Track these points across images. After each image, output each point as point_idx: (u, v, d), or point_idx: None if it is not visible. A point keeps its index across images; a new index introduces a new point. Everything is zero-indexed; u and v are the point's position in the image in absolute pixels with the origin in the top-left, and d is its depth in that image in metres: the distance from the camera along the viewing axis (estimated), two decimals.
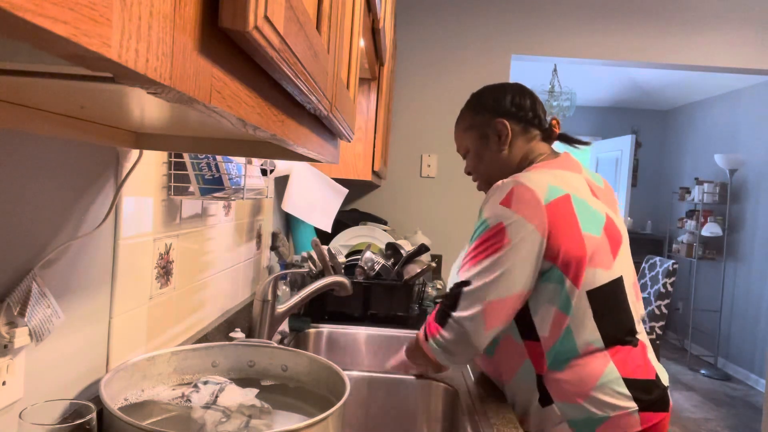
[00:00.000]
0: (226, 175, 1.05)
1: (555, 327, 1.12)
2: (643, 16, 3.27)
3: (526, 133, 1.27)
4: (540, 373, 1.15)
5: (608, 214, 1.20)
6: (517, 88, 1.31)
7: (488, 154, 1.28)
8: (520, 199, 1.10)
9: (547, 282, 1.12)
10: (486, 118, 1.28)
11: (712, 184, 5.31)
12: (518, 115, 1.27)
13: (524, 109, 1.27)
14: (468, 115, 1.31)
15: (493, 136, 1.27)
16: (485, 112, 1.28)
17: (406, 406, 1.36)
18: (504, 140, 1.26)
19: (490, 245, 1.10)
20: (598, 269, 1.13)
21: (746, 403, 4.40)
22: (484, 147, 1.28)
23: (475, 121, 1.29)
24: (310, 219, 1.92)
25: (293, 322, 1.73)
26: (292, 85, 0.45)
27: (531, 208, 1.09)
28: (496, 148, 1.27)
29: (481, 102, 1.30)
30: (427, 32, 3.28)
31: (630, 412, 1.10)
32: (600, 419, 1.10)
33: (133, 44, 0.23)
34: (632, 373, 1.13)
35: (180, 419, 0.80)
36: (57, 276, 0.73)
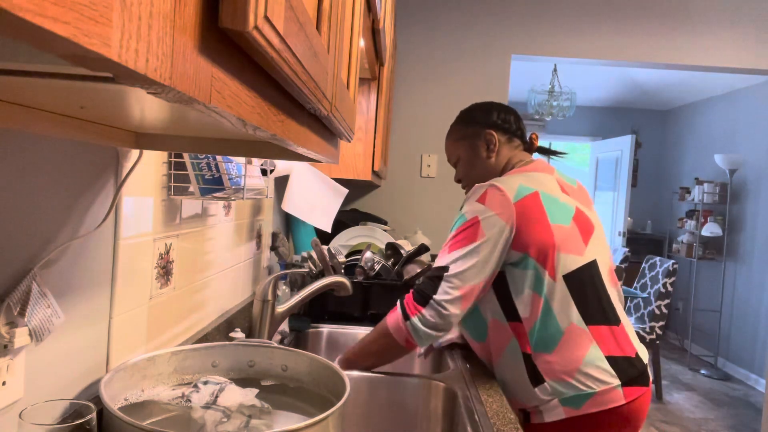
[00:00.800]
0: (226, 175, 1.05)
1: (534, 308, 1.26)
2: (644, 16, 3.27)
3: (510, 143, 1.45)
4: (525, 352, 1.27)
5: (578, 207, 1.35)
6: (502, 105, 1.49)
7: (478, 162, 1.44)
8: (493, 198, 1.27)
9: (524, 269, 1.26)
10: (476, 130, 1.44)
11: (712, 184, 5.31)
12: (503, 127, 1.45)
13: (509, 122, 1.46)
14: (459, 128, 1.48)
15: (483, 144, 1.44)
16: (475, 125, 1.45)
17: (406, 406, 1.36)
18: (492, 148, 1.43)
19: (466, 236, 1.25)
20: (570, 255, 1.27)
21: (746, 403, 4.40)
22: (475, 155, 1.45)
23: (467, 132, 1.46)
24: (310, 219, 1.92)
25: (293, 322, 1.73)
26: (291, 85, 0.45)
27: (501, 206, 1.26)
28: (486, 156, 1.44)
29: (472, 116, 1.47)
30: (427, 32, 3.28)
31: (614, 387, 1.23)
32: (587, 395, 1.22)
33: (133, 44, 0.23)
34: (614, 351, 1.26)
35: (180, 419, 0.80)
36: (57, 276, 0.73)
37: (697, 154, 6.01)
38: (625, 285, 5.95)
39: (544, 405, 1.25)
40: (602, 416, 1.22)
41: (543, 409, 1.25)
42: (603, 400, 1.22)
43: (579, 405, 1.22)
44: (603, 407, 1.22)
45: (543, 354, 1.25)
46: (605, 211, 6.34)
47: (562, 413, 1.23)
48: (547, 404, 1.24)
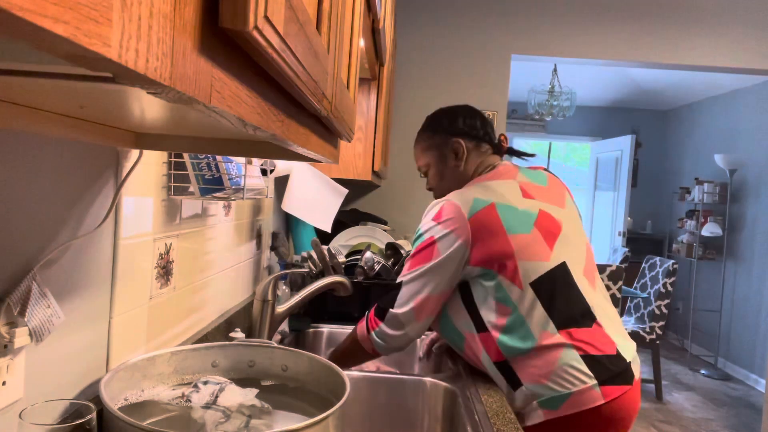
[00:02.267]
0: (226, 175, 1.05)
1: (499, 317, 1.27)
2: (643, 16, 3.27)
3: (478, 149, 1.45)
4: (497, 360, 1.28)
5: (542, 209, 1.34)
6: (467, 110, 1.49)
7: (447, 171, 1.45)
8: (448, 215, 1.29)
9: (486, 280, 1.28)
10: (443, 138, 1.45)
11: (712, 184, 5.30)
12: (470, 133, 1.44)
13: (475, 128, 1.45)
14: (426, 136, 1.48)
15: (451, 153, 1.44)
16: (442, 133, 1.45)
17: (406, 406, 1.36)
18: (461, 156, 1.43)
19: (423, 256, 1.30)
20: (534, 261, 1.27)
21: (746, 403, 4.40)
22: (443, 164, 1.46)
23: (434, 141, 1.46)
24: (310, 219, 1.92)
25: (293, 322, 1.73)
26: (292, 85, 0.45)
27: (456, 222, 1.27)
28: (454, 164, 1.44)
29: (438, 123, 1.47)
30: (427, 32, 3.28)
31: (591, 387, 1.21)
32: (563, 395, 1.22)
33: (133, 44, 0.23)
34: (590, 350, 1.24)
35: (180, 419, 0.80)
36: (57, 276, 0.73)
37: (697, 154, 6.01)
38: (625, 285, 5.95)
39: (524, 409, 1.25)
40: (582, 417, 1.21)
41: (524, 412, 1.26)
42: (580, 401, 1.21)
43: (556, 406, 1.21)
44: (581, 408, 1.20)
45: (519, 357, 1.25)
46: (605, 211, 6.34)
47: (542, 416, 1.22)
48: (526, 408, 1.25)
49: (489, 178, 1.37)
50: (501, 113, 3.30)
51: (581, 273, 1.33)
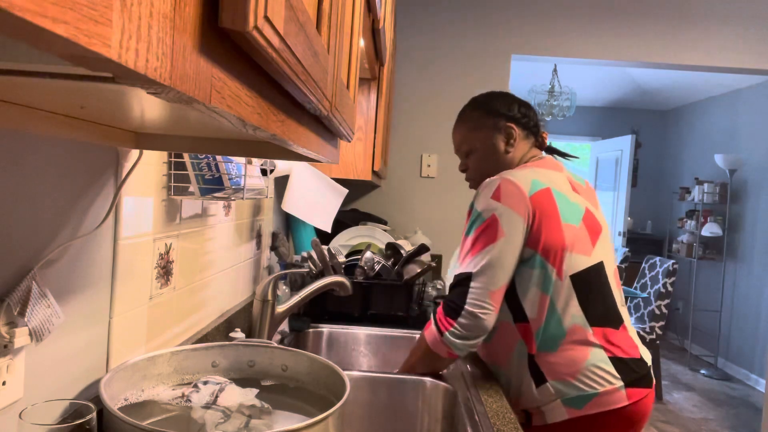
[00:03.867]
0: (226, 175, 1.05)
1: (541, 308, 1.24)
2: (643, 16, 3.27)
3: (527, 139, 1.39)
4: (531, 353, 1.26)
5: (588, 207, 1.33)
6: (519, 98, 1.43)
7: (495, 156, 1.37)
8: (508, 193, 1.22)
9: (531, 268, 1.24)
10: (497, 121, 1.37)
11: (712, 184, 5.30)
12: (523, 121, 1.38)
13: (528, 117, 1.39)
14: (476, 116, 1.39)
15: (501, 137, 1.37)
16: (496, 116, 1.37)
17: (406, 406, 1.36)
18: (512, 143, 1.37)
19: (486, 237, 1.21)
20: (579, 255, 1.25)
21: (746, 403, 4.40)
22: (492, 148, 1.37)
23: (486, 122, 1.38)
24: (310, 219, 1.92)
25: (293, 322, 1.73)
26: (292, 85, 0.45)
27: (517, 199, 1.22)
28: (503, 150, 1.37)
29: (492, 105, 1.39)
30: (427, 32, 3.28)
31: (617, 388, 1.22)
32: (589, 395, 1.21)
33: (133, 44, 0.23)
34: (617, 353, 1.25)
35: (180, 419, 0.80)
36: (57, 276, 0.73)
37: (697, 154, 6.01)
38: (625, 285, 5.95)
39: (546, 406, 1.23)
40: (605, 417, 1.21)
41: (545, 409, 1.24)
42: (606, 401, 1.21)
43: (581, 405, 1.21)
44: (605, 408, 1.20)
45: (546, 354, 1.24)
46: (605, 211, 6.34)
47: (565, 414, 1.22)
48: (548, 405, 1.23)
49: (539, 165, 1.34)
50: None
51: (612, 275, 1.33)
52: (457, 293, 1.22)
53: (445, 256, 3.27)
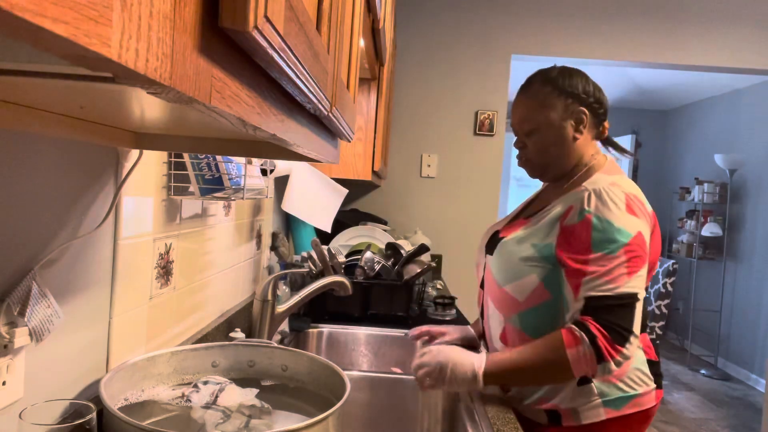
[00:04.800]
0: (226, 175, 1.05)
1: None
2: (643, 16, 3.27)
3: (594, 129, 1.28)
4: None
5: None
6: (594, 82, 1.29)
7: (561, 140, 1.24)
8: (639, 207, 1.15)
9: None
10: (570, 102, 1.23)
11: (712, 184, 5.30)
12: (594, 107, 1.25)
13: (601, 104, 1.27)
14: (546, 92, 1.24)
15: (572, 122, 1.24)
16: (571, 97, 1.23)
17: (406, 406, 1.36)
18: (582, 129, 1.24)
19: (639, 256, 1.11)
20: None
21: (746, 403, 4.40)
22: (560, 132, 1.24)
23: (556, 102, 1.23)
24: (310, 219, 1.92)
25: (293, 322, 1.73)
26: (292, 85, 0.45)
27: (647, 215, 1.16)
28: (572, 136, 1.24)
29: (567, 84, 1.24)
30: (427, 32, 3.28)
31: (651, 389, 1.23)
32: (630, 396, 1.20)
33: (133, 44, 0.23)
34: (650, 355, 1.26)
35: (180, 419, 0.80)
36: (57, 276, 0.73)
37: (697, 154, 6.01)
38: None
39: (584, 405, 1.19)
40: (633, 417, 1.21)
41: (581, 410, 1.19)
42: (641, 402, 1.21)
43: (620, 406, 1.19)
44: (639, 408, 1.20)
45: None
46: None
47: (602, 414, 1.18)
48: (587, 405, 1.19)
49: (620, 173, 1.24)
50: (501, 113, 3.30)
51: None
52: (623, 316, 1.09)
53: (445, 256, 3.27)
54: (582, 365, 1.08)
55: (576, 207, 1.16)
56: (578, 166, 1.27)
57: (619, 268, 1.10)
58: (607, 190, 1.15)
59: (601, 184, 1.17)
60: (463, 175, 3.29)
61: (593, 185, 1.17)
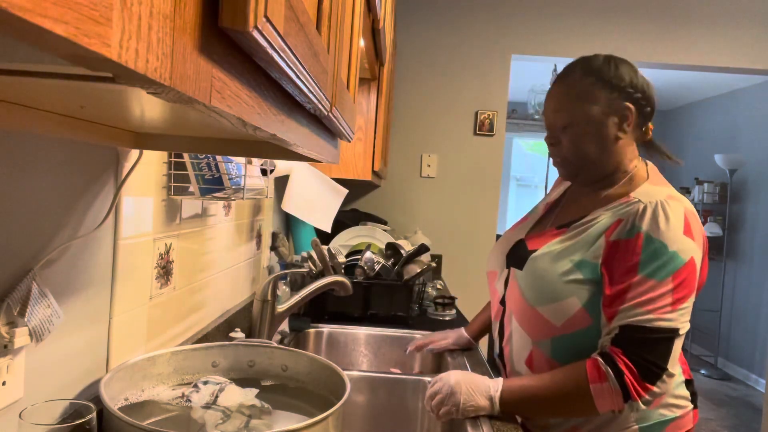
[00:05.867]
0: (226, 175, 1.05)
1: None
2: (643, 16, 3.27)
3: (638, 130, 1.12)
4: None
5: None
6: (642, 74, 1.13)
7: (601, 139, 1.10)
8: (695, 228, 1.02)
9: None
10: (614, 96, 1.08)
11: (712, 184, 5.30)
12: (641, 103, 1.10)
13: (649, 102, 1.11)
14: (587, 83, 1.10)
15: (615, 118, 1.09)
16: (617, 90, 1.09)
17: (406, 406, 1.36)
18: (625, 128, 1.09)
19: (688, 285, 0.99)
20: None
21: (746, 403, 4.40)
22: (600, 128, 1.09)
23: (599, 94, 1.09)
24: (310, 219, 1.92)
25: (293, 322, 1.73)
26: (292, 85, 0.45)
27: (702, 236, 1.04)
28: (614, 135, 1.09)
29: (612, 76, 1.09)
30: (427, 32, 3.28)
31: (688, 411, 1.12)
32: (669, 420, 1.09)
33: (133, 44, 0.23)
34: (686, 374, 1.15)
35: (180, 419, 0.80)
36: (57, 276, 0.73)
37: (697, 154, 6.01)
38: None
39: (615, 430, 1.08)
40: None
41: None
42: (679, 425, 1.10)
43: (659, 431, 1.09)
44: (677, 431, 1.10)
45: None
46: None
47: None
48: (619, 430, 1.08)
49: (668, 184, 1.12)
50: (501, 113, 3.30)
51: None
52: (660, 352, 0.97)
53: (445, 256, 3.27)
54: (607, 401, 0.98)
55: (627, 221, 1.03)
56: (618, 172, 1.12)
57: (664, 297, 0.97)
58: (664, 205, 1.01)
59: (658, 197, 1.03)
60: (463, 175, 3.29)
61: (648, 197, 1.04)
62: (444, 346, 1.54)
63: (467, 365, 1.43)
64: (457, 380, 1.08)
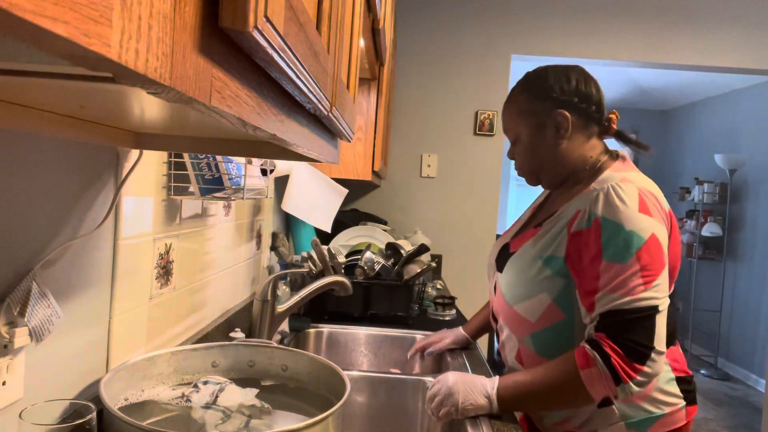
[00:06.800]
0: (226, 175, 1.05)
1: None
2: (643, 16, 3.27)
3: (586, 129, 1.17)
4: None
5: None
6: (582, 73, 1.18)
7: (542, 146, 1.17)
8: (654, 204, 1.04)
9: None
10: (546, 106, 1.15)
11: (712, 184, 5.30)
12: (580, 107, 1.15)
13: (588, 101, 1.16)
14: (524, 98, 1.18)
15: (551, 127, 1.15)
16: (546, 100, 1.15)
17: (406, 406, 1.36)
18: (563, 134, 1.15)
19: (657, 261, 1.01)
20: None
21: (746, 403, 4.40)
22: (539, 137, 1.16)
23: (533, 107, 1.16)
24: (310, 219, 1.92)
25: (293, 322, 1.73)
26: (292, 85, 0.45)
27: (663, 212, 1.06)
28: (553, 141, 1.16)
29: (544, 87, 1.16)
30: (427, 32, 3.28)
31: (680, 408, 1.12)
32: (656, 417, 1.10)
33: (133, 44, 0.23)
34: (680, 370, 1.16)
35: (180, 419, 0.80)
36: (57, 276, 0.73)
37: (697, 154, 6.01)
38: None
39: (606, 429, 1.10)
40: None
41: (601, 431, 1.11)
42: (669, 422, 1.11)
43: (645, 428, 1.10)
44: (667, 429, 1.11)
45: None
46: None
47: None
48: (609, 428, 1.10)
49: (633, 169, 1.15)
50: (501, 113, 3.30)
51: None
52: (643, 331, 0.99)
53: (445, 256, 3.27)
54: (598, 387, 0.99)
55: (585, 211, 1.06)
56: (581, 168, 1.17)
57: (634, 278, 0.99)
58: (616, 188, 1.05)
59: (610, 182, 1.07)
60: (463, 175, 3.29)
61: (602, 184, 1.08)
62: (443, 346, 1.54)
63: (467, 365, 1.43)
64: (454, 381, 1.09)
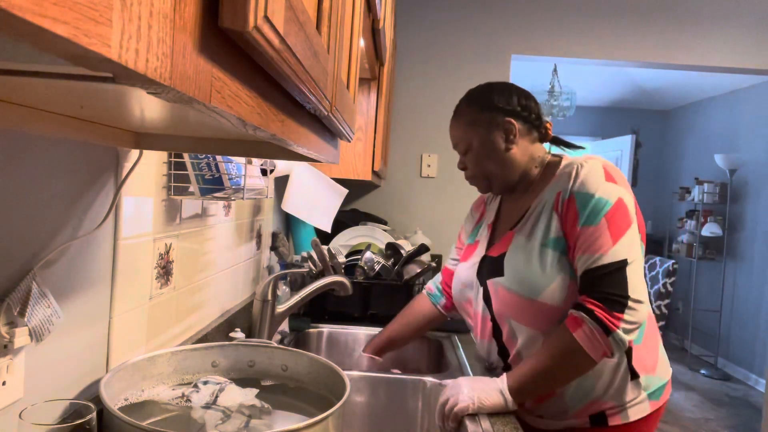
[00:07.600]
0: (226, 175, 1.05)
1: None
2: (644, 16, 3.27)
3: (529, 135, 1.28)
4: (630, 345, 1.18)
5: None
6: (521, 89, 1.32)
7: (494, 152, 1.27)
8: (616, 175, 1.16)
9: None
10: (493, 116, 1.26)
11: (712, 184, 5.30)
12: (522, 115, 1.27)
13: (529, 110, 1.28)
14: (472, 110, 1.29)
15: (500, 134, 1.26)
16: (493, 110, 1.26)
17: (406, 406, 1.36)
18: (512, 139, 1.26)
19: (622, 220, 1.11)
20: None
21: (746, 403, 4.40)
22: (491, 144, 1.26)
23: (482, 117, 1.27)
24: (310, 219, 1.92)
25: (293, 322, 1.73)
26: (292, 85, 0.45)
27: (624, 182, 1.16)
28: (504, 147, 1.26)
29: (489, 99, 1.28)
30: (427, 32, 3.28)
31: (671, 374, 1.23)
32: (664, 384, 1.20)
33: (133, 44, 0.23)
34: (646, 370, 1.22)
35: (180, 419, 0.80)
36: (57, 276, 0.73)
37: (697, 154, 6.01)
38: None
39: (633, 401, 1.17)
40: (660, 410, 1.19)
41: (629, 406, 1.17)
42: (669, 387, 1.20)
43: (659, 397, 1.18)
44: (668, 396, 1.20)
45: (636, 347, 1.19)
46: None
47: (648, 408, 1.17)
48: (635, 400, 1.17)
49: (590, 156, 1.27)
50: None
51: None
52: (615, 282, 1.07)
53: (446, 256, 3.27)
54: (595, 344, 1.05)
55: (564, 191, 1.17)
56: (530, 170, 1.28)
57: (603, 237, 1.09)
58: (584, 163, 1.17)
59: (577, 162, 1.19)
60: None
61: (570, 166, 1.19)
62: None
63: (468, 365, 1.43)
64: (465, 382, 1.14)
